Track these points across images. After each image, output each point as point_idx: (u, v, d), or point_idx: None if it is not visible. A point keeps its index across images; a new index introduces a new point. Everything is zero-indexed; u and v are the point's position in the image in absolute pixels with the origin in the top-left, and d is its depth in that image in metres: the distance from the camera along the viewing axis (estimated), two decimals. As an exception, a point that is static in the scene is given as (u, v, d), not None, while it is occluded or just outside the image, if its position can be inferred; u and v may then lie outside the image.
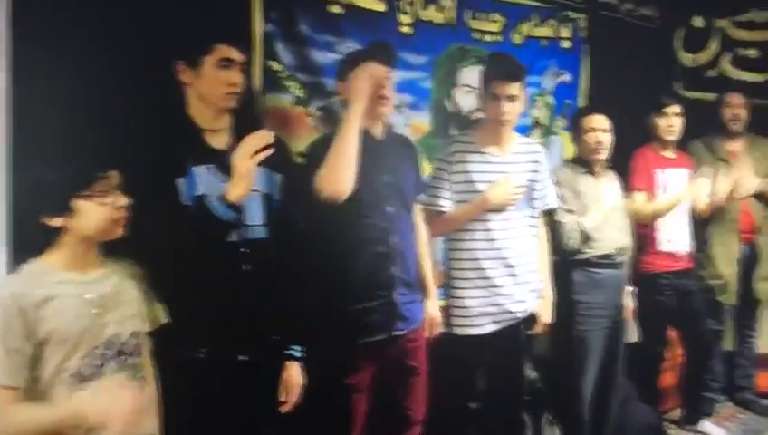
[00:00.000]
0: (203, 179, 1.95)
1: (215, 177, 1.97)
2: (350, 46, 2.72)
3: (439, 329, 2.60)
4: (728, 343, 3.94)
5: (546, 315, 2.82)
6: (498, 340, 2.70)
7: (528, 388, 2.94)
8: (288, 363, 2.18)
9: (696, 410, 3.65)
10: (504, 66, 2.64)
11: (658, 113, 3.43)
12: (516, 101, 2.59)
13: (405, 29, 2.99)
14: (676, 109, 3.44)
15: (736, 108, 3.76)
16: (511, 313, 2.69)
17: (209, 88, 2.00)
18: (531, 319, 2.78)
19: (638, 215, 3.31)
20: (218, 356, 1.98)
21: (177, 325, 1.87)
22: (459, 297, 2.66)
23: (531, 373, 3.06)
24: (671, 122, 3.43)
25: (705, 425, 3.63)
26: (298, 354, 2.20)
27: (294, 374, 2.18)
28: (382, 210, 2.30)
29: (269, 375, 2.14)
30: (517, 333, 2.75)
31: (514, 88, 2.57)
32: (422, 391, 2.52)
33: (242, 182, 1.88)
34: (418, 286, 2.53)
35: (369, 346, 2.34)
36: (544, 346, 3.07)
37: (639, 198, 3.34)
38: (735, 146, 3.79)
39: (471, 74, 3.21)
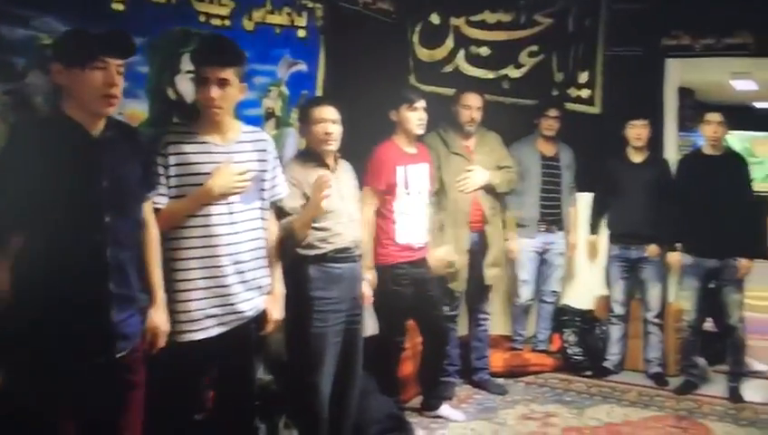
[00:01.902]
0: None
1: None
2: (48, 22, 2.42)
3: (164, 339, 2.41)
4: (462, 328, 4.17)
5: (276, 312, 2.72)
6: (225, 343, 2.55)
7: (261, 391, 2.85)
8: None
9: (435, 395, 3.80)
10: (215, 49, 2.51)
11: (407, 107, 3.49)
12: (228, 86, 2.47)
13: (117, 6, 2.71)
14: (423, 103, 3.54)
15: (474, 111, 3.94)
16: (239, 312, 2.55)
17: None
18: (261, 317, 2.69)
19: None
20: None
21: None
22: (180, 301, 2.46)
23: (264, 376, 2.98)
24: (421, 116, 3.52)
25: (444, 409, 3.78)
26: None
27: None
28: (98, 222, 2.06)
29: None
30: (247, 333, 2.62)
31: (226, 73, 2.45)
32: (139, 406, 2.31)
33: None
34: (147, 292, 2.32)
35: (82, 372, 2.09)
36: (278, 346, 2.99)
37: (368, 194, 3.41)
38: (469, 142, 4.01)
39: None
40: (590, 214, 4.68)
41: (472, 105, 3.94)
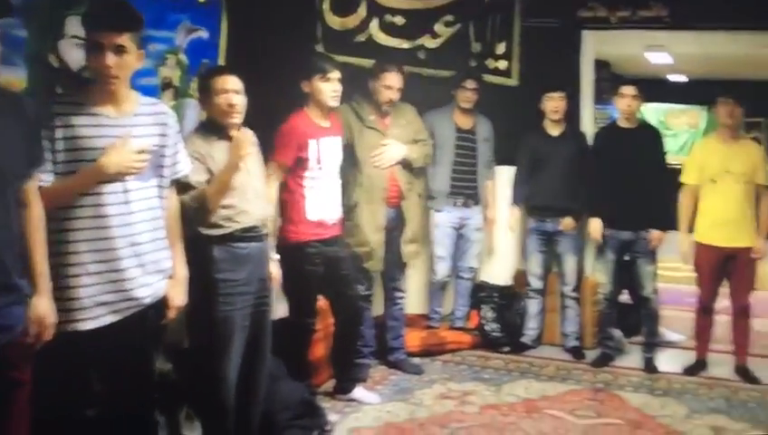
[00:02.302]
0: None
1: None
2: None
3: (51, 331, 2.25)
4: (377, 307, 4.13)
5: (179, 297, 2.58)
6: (119, 332, 2.39)
7: (160, 382, 2.72)
8: None
9: (348, 378, 3.73)
10: (110, 12, 2.33)
11: (320, 78, 3.38)
12: (125, 53, 2.30)
13: (-14, -39, 2.50)
14: (337, 74, 3.43)
15: (394, 92, 3.85)
16: (135, 299, 2.40)
17: None
18: (161, 304, 2.55)
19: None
20: None
21: None
22: (69, 287, 2.29)
23: (163, 365, 2.85)
24: (335, 87, 3.41)
25: (358, 392, 3.73)
26: None
27: None
28: None
29: None
30: (144, 321, 2.47)
31: (122, 38, 2.28)
32: (24, 404, 2.16)
33: None
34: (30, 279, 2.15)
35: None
36: (179, 333, 2.87)
37: (276, 170, 3.31)
38: (385, 116, 3.92)
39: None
40: (512, 188, 4.68)
41: (393, 86, 3.85)
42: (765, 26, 4.58)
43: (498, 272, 4.91)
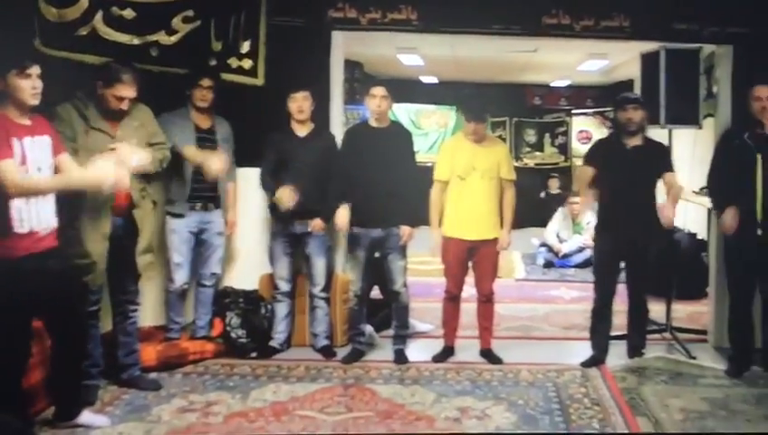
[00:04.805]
0: None
1: None
2: None
3: None
4: (106, 323, 3.90)
5: None
6: None
7: None
8: None
9: (71, 402, 3.47)
10: None
11: (17, 74, 3.10)
12: None
13: None
14: (37, 69, 3.16)
15: (125, 103, 3.66)
16: None
17: None
18: None
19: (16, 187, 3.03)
20: None
21: None
22: None
23: None
24: (35, 84, 3.14)
25: (84, 416, 3.49)
26: None
27: None
28: None
29: None
30: None
31: None
32: None
33: None
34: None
35: None
36: None
37: (10, 167, 3.02)
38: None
39: None
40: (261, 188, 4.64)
41: (125, 97, 3.65)
42: (509, 32, 4.93)
43: (243, 277, 4.86)
